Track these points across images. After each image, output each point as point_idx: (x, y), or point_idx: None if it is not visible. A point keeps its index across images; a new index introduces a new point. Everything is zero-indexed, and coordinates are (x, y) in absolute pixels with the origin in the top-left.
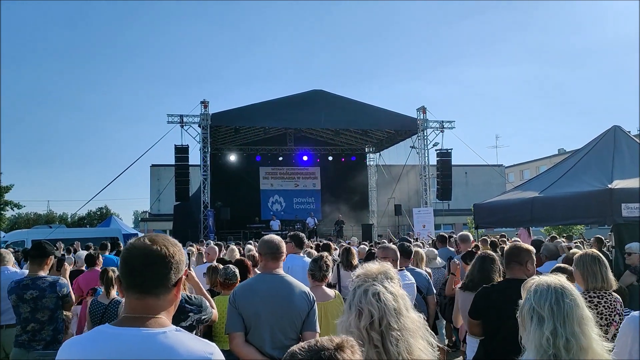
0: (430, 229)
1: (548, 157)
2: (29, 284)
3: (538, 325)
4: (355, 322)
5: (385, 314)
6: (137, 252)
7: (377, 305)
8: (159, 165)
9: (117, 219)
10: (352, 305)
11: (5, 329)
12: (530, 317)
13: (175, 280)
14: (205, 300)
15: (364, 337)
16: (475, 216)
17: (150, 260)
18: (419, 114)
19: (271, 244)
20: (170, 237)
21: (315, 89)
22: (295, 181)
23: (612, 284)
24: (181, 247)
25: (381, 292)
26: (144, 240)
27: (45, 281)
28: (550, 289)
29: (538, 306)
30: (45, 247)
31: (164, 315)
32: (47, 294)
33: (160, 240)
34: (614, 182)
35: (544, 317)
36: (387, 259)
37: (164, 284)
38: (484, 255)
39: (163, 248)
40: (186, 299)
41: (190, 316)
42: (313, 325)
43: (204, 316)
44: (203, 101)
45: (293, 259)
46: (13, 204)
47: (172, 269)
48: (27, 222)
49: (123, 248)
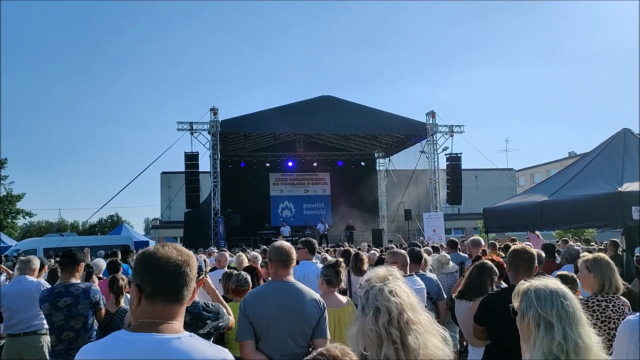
0: (441, 234)
1: (559, 160)
2: (62, 291)
3: (547, 332)
4: (372, 322)
5: (404, 309)
6: (168, 261)
7: (395, 301)
8: (170, 172)
9: (128, 227)
10: (367, 306)
11: (23, 337)
12: (537, 324)
13: (194, 287)
14: (222, 307)
15: (383, 335)
16: (485, 220)
17: (182, 269)
18: (428, 118)
19: (282, 251)
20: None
21: (324, 95)
22: (305, 187)
23: (620, 288)
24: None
25: (396, 288)
26: (170, 249)
27: (79, 288)
28: (554, 294)
29: (545, 312)
30: (76, 254)
31: (178, 320)
32: (81, 300)
33: (183, 249)
34: (624, 185)
35: (553, 323)
36: (397, 264)
37: (190, 291)
38: (479, 264)
39: (187, 257)
40: (204, 306)
41: (208, 323)
42: (323, 332)
43: (221, 323)
44: (212, 108)
45: (307, 265)
46: (25, 213)
47: (194, 276)
48: (38, 231)
49: (143, 256)
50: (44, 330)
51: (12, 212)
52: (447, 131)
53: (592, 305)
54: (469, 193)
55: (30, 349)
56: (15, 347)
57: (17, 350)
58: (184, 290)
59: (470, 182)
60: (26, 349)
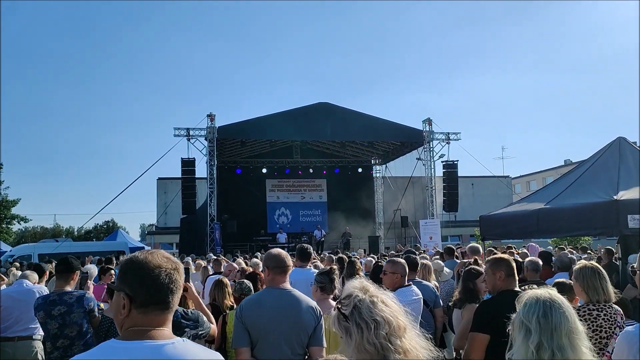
0: (437, 241)
1: (554, 168)
2: (56, 299)
3: (525, 338)
4: (374, 334)
5: (397, 317)
6: (161, 270)
7: (389, 311)
8: (166, 178)
9: (124, 233)
10: (363, 320)
11: (17, 341)
12: (519, 329)
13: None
14: (202, 316)
15: (385, 347)
16: (482, 228)
17: (173, 277)
18: (425, 125)
19: (279, 258)
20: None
21: (321, 102)
22: (302, 193)
23: (612, 297)
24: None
25: (384, 297)
26: (159, 257)
27: (72, 296)
28: (539, 302)
29: (526, 319)
30: (72, 262)
31: (167, 327)
32: (75, 309)
33: (170, 256)
34: (620, 193)
35: (531, 330)
36: (396, 275)
37: (179, 297)
38: (468, 270)
39: (176, 264)
40: (182, 314)
41: (187, 332)
42: (320, 340)
43: (200, 331)
44: (210, 114)
45: (295, 272)
46: (20, 218)
47: (182, 283)
48: (33, 236)
49: (134, 265)
50: (38, 336)
51: (7, 218)
52: (443, 138)
53: (584, 314)
54: (465, 200)
55: (24, 355)
56: (8, 353)
57: (10, 355)
58: (175, 297)
59: (466, 189)
60: (19, 354)
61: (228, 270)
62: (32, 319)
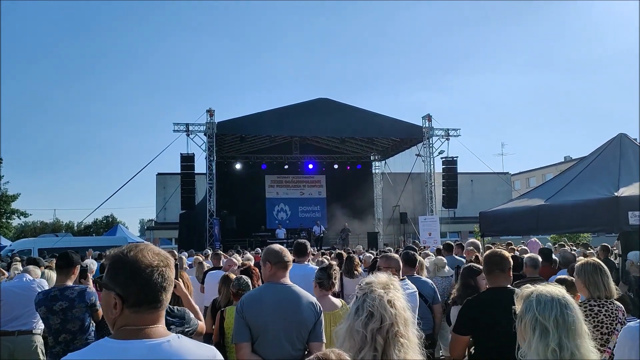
0: (436, 237)
1: (554, 165)
2: (57, 295)
3: (542, 337)
4: (363, 323)
5: (396, 322)
6: (153, 269)
7: (391, 312)
8: (165, 173)
9: (123, 228)
10: (362, 308)
11: (17, 336)
12: (533, 328)
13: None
14: (188, 312)
15: (367, 340)
16: (481, 224)
17: (166, 275)
18: (425, 121)
19: (279, 253)
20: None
21: (320, 97)
22: (301, 189)
23: (613, 293)
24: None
25: (396, 299)
26: (150, 254)
27: (74, 291)
28: (554, 301)
29: (542, 317)
30: (72, 256)
31: (161, 323)
32: (77, 304)
33: (161, 251)
34: (620, 189)
35: (549, 329)
36: (390, 269)
37: (170, 293)
38: (469, 267)
39: (167, 260)
40: (168, 311)
41: (172, 329)
42: (319, 336)
43: (187, 329)
44: (209, 110)
45: (293, 268)
46: (20, 213)
47: (173, 278)
48: (33, 231)
49: (124, 264)
50: (39, 330)
51: (6, 212)
52: (443, 135)
53: (585, 310)
54: (465, 197)
55: (24, 350)
56: (8, 347)
57: (9, 350)
58: (168, 294)
59: (465, 185)
60: (19, 349)
61: (227, 266)
62: (33, 313)
